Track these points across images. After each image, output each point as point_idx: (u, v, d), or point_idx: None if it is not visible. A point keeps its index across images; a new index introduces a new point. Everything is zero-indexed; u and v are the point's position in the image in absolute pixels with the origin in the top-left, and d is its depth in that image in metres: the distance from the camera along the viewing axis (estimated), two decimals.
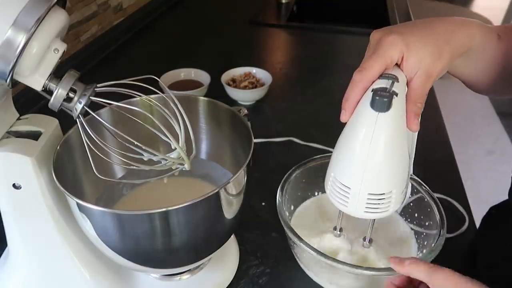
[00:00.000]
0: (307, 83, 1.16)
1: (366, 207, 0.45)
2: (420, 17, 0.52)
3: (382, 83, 0.43)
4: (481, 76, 0.54)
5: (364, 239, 0.56)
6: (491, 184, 2.07)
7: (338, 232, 0.57)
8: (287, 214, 0.63)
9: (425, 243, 0.58)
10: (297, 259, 0.57)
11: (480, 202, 0.84)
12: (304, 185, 0.65)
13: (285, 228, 0.54)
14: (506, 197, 0.62)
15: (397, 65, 0.45)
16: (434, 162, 0.86)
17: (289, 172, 0.61)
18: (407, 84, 0.44)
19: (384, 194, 0.44)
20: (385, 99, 0.40)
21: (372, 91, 0.42)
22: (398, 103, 0.42)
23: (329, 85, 1.13)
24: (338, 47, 1.40)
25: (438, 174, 0.83)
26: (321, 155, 0.64)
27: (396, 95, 0.41)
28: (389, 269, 0.47)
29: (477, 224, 0.73)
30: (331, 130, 0.72)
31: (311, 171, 0.64)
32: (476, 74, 0.54)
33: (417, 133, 0.47)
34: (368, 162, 0.42)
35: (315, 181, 0.64)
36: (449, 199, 0.76)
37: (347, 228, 0.58)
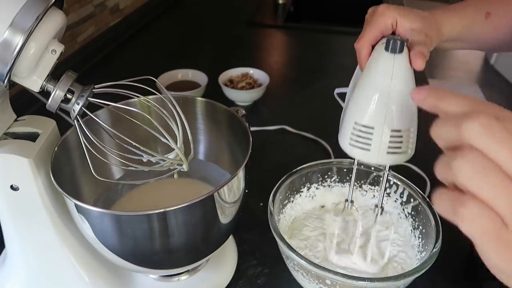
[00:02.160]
0: (305, 83, 1.16)
1: (388, 148, 0.46)
2: None
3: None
4: (476, 47, 0.63)
5: (376, 206, 0.56)
6: None
7: (350, 204, 0.58)
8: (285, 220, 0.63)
9: (425, 244, 0.58)
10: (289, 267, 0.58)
11: None
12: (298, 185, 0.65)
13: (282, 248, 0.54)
14: None
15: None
16: (432, 161, 0.86)
17: (280, 181, 0.62)
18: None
19: (403, 131, 0.46)
20: (399, 41, 0.45)
21: (384, 37, 0.47)
22: (406, 49, 0.46)
23: (326, 85, 1.13)
24: (335, 47, 1.41)
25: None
26: (309, 164, 0.65)
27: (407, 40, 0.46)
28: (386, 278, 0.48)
29: None
30: (328, 129, 0.72)
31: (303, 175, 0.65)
32: (470, 47, 0.62)
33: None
34: (390, 98, 0.45)
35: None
36: None
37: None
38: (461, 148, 0.27)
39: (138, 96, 0.48)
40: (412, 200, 0.60)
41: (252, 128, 0.56)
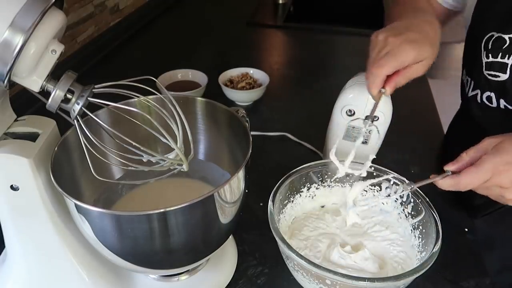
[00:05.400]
0: (304, 83, 1.16)
1: None
2: None
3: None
4: None
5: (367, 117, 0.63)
6: None
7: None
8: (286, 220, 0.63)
9: (425, 244, 0.58)
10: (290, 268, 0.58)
11: None
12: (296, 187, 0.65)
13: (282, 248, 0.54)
14: None
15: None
16: (432, 161, 0.86)
17: (280, 181, 0.61)
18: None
19: None
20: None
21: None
22: None
23: (326, 85, 1.13)
24: (335, 47, 1.40)
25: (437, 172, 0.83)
26: (309, 164, 0.65)
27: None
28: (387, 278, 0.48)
29: None
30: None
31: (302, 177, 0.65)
32: None
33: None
34: None
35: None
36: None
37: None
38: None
39: (138, 96, 0.48)
40: (412, 200, 0.60)
41: (253, 133, 0.56)
